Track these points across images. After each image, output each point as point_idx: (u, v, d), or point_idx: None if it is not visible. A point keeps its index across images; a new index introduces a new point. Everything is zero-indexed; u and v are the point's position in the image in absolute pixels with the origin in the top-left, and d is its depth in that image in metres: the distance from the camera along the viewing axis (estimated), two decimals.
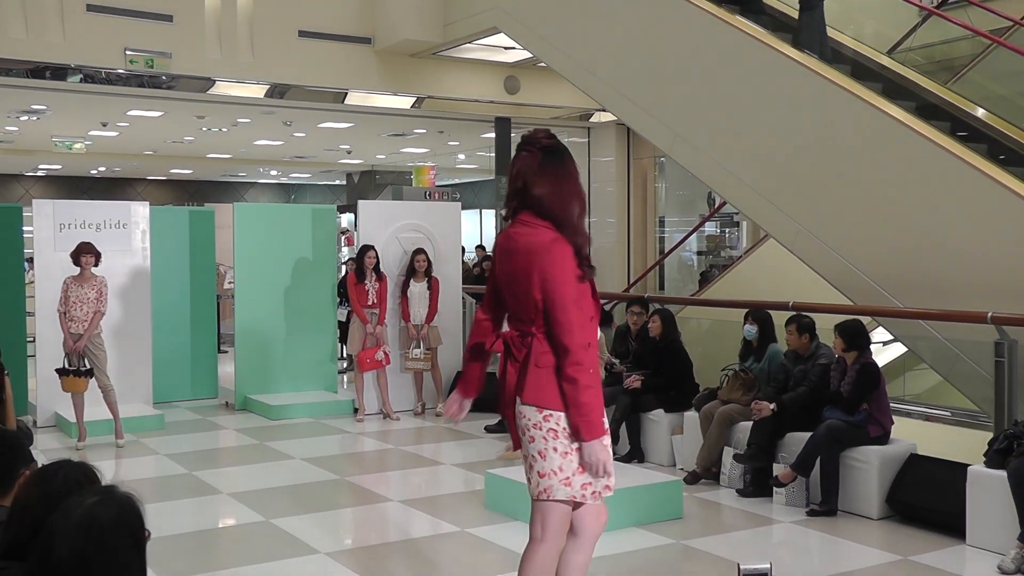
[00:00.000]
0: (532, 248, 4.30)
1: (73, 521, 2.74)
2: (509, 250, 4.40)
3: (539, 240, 4.31)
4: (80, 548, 2.71)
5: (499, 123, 18.01)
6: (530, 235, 4.33)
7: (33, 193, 30.74)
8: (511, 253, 4.38)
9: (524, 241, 4.33)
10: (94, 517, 2.75)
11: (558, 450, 4.31)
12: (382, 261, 12.03)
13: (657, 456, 9.62)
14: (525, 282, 4.29)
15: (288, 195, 36.68)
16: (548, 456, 4.30)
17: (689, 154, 10.44)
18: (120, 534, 2.77)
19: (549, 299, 4.25)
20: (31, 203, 11.93)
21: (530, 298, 4.29)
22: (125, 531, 2.79)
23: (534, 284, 4.26)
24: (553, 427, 4.30)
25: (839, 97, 8.78)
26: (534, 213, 4.35)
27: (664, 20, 10.62)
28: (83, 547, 2.71)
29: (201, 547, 7.31)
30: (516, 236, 4.37)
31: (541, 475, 4.31)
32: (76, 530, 2.73)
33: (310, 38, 14.91)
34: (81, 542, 2.72)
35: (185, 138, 23.37)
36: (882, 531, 7.45)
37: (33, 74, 13.44)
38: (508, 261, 4.40)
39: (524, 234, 4.35)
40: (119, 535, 2.77)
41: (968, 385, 9.08)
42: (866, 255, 8.87)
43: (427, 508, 8.16)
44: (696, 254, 19.89)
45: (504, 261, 4.43)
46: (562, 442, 4.30)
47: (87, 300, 10.23)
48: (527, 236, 4.33)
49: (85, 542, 2.72)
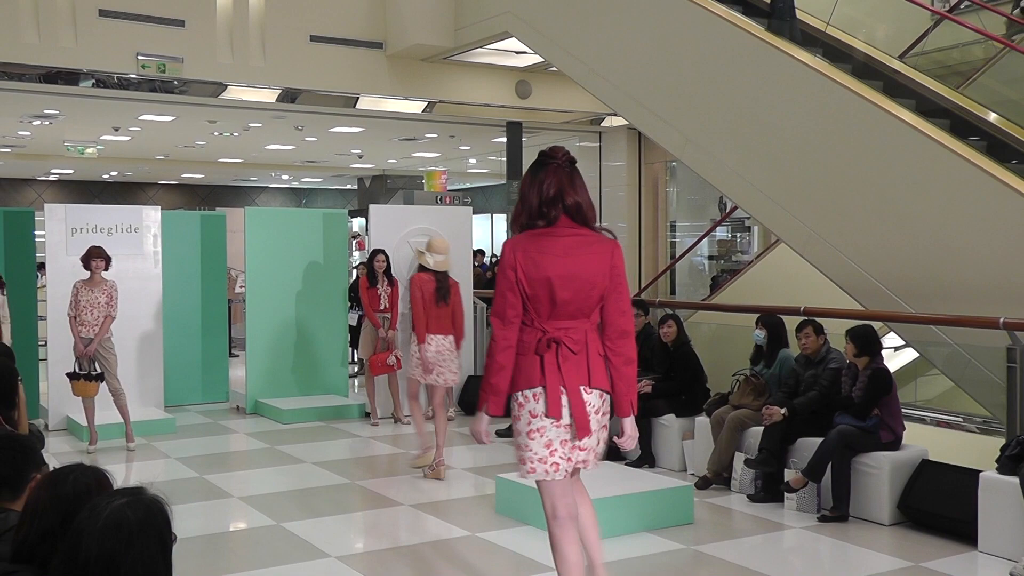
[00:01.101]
0: (602, 247, 4.75)
1: (101, 521, 2.75)
2: (570, 251, 4.66)
3: (602, 239, 4.79)
4: (108, 548, 2.71)
5: (511, 127, 18.01)
6: (587, 236, 4.74)
7: (45, 197, 30.79)
8: (573, 255, 4.66)
9: (584, 241, 4.71)
10: (123, 518, 2.76)
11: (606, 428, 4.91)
12: (393, 266, 12.03)
13: (668, 461, 9.61)
14: (596, 278, 4.67)
15: (299, 199, 36.70)
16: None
17: (700, 158, 10.43)
18: (148, 535, 2.78)
19: (619, 291, 4.76)
20: (43, 207, 11.96)
21: (596, 293, 4.68)
22: (153, 533, 2.80)
23: (603, 279, 4.70)
24: (607, 409, 4.84)
25: (850, 101, 8.77)
26: (571, 219, 4.71)
27: (675, 24, 10.62)
28: (111, 547, 2.72)
29: (212, 551, 7.31)
30: (572, 238, 4.70)
31: None
32: (104, 530, 2.73)
33: (322, 43, 14.92)
34: (110, 542, 2.72)
35: (197, 143, 23.39)
36: (893, 537, 7.43)
37: (46, 79, 13.47)
38: (571, 262, 4.65)
39: (581, 234, 4.73)
40: (147, 536, 2.77)
41: (980, 391, 9.05)
42: (877, 260, 8.85)
43: (437, 512, 8.16)
44: (707, 259, 19.86)
45: (561, 264, 4.65)
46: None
47: (97, 304, 10.26)
48: (586, 237, 4.74)
49: (114, 542, 2.72)
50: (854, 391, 7.96)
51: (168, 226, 12.64)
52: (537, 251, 4.66)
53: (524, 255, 4.67)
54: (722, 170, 10.19)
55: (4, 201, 30.45)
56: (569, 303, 4.65)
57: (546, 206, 4.70)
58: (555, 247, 4.66)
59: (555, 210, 4.70)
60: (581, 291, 4.64)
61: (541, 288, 4.64)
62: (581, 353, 4.66)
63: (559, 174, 4.73)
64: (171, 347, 12.73)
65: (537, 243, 4.68)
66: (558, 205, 4.70)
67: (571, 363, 4.65)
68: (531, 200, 4.75)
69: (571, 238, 4.69)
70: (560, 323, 4.67)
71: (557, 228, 4.70)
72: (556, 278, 4.62)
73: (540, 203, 4.71)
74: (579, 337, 4.67)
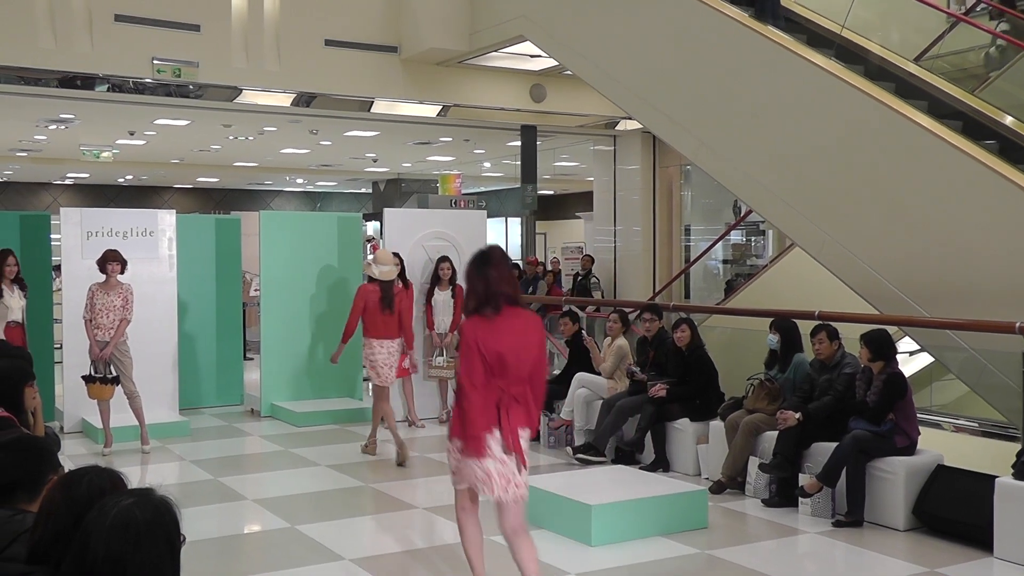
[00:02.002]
0: (537, 325, 5.94)
1: (109, 522, 2.75)
2: (521, 330, 5.74)
3: (535, 317, 6.08)
4: (116, 549, 2.71)
5: (525, 131, 18.01)
6: (524, 316, 5.90)
7: (61, 201, 30.89)
8: (523, 332, 5.75)
9: (528, 321, 5.87)
10: (130, 518, 2.76)
11: None
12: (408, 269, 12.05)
13: (682, 465, 9.59)
14: (535, 349, 5.77)
15: (314, 203, 36.77)
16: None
17: (715, 162, 10.42)
18: (156, 536, 2.78)
19: (543, 358, 5.91)
20: (59, 211, 12.00)
21: (534, 360, 5.74)
22: (161, 533, 2.80)
23: (539, 349, 5.79)
24: None
25: (866, 105, 8.74)
26: (510, 303, 5.74)
27: (689, 28, 10.61)
28: (119, 548, 2.71)
29: (226, 553, 7.33)
30: (517, 318, 5.77)
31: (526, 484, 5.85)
32: (112, 530, 2.73)
33: (336, 47, 14.94)
34: (117, 543, 2.72)
35: (212, 147, 23.47)
36: (908, 543, 7.41)
37: (62, 84, 13.51)
38: (522, 337, 5.72)
39: (521, 315, 5.85)
40: (154, 537, 2.77)
41: (995, 396, 9.01)
42: (892, 264, 8.82)
43: (451, 515, 8.14)
44: (722, 263, 19.83)
45: (512, 338, 5.67)
46: None
47: (113, 308, 10.37)
48: (524, 317, 5.89)
49: (121, 543, 2.72)
50: (868, 396, 7.93)
51: (183, 230, 12.67)
52: (498, 329, 5.67)
53: (498, 331, 5.67)
54: (736, 174, 10.18)
55: (20, 205, 30.59)
56: (516, 370, 5.68)
57: (495, 297, 5.70)
58: (512, 325, 5.73)
59: (501, 299, 5.71)
60: (526, 361, 5.72)
61: (503, 356, 5.66)
62: (531, 405, 5.79)
63: (500, 270, 5.77)
64: (186, 350, 12.78)
65: (501, 322, 5.70)
66: (500, 297, 5.71)
67: (521, 413, 5.74)
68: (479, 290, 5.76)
69: (521, 320, 5.83)
70: (503, 384, 5.67)
71: (503, 311, 5.71)
72: (506, 350, 5.64)
73: (488, 295, 5.70)
74: (525, 393, 5.76)
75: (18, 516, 3.38)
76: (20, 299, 10.67)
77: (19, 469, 3.62)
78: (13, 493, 3.57)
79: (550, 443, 10.78)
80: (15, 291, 10.63)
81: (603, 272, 19.51)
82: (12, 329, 10.44)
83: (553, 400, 10.94)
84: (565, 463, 9.98)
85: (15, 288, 10.65)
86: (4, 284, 10.53)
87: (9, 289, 10.55)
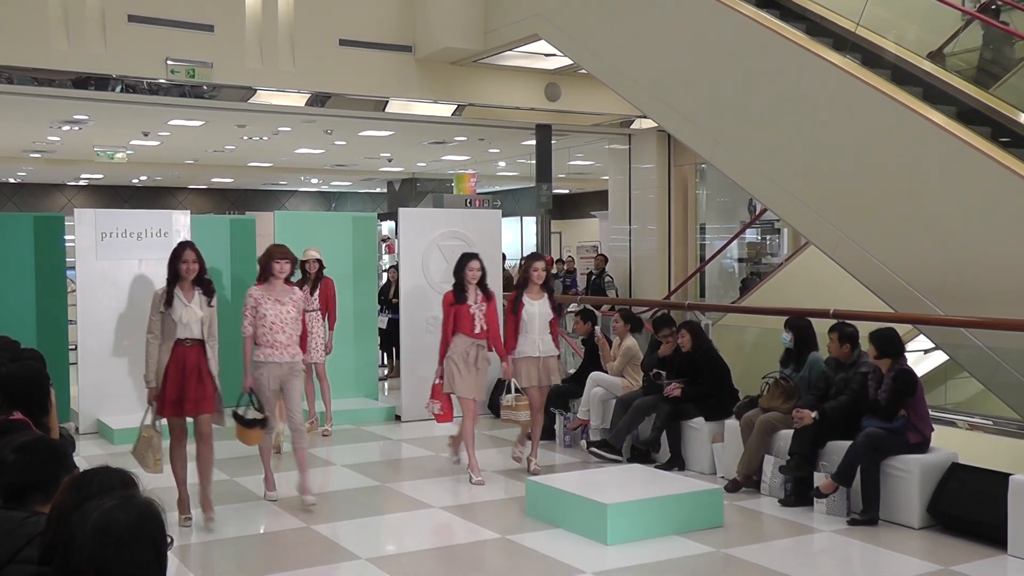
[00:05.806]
0: None
1: (90, 525, 2.72)
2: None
3: None
4: (98, 553, 2.68)
5: (540, 130, 18.02)
6: None
7: (75, 202, 30.96)
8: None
9: None
10: (112, 521, 2.72)
11: None
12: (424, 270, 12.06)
13: (698, 464, 9.58)
14: None
15: (329, 203, 36.80)
16: None
17: (730, 161, 10.41)
18: (139, 539, 2.74)
19: None
20: (73, 212, 12.03)
21: None
22: (145, 536, 2.76)
23: None
24: None
25: (881, 103, 8.73)
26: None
27: (705, 26, 10.60)
28: (101, 552, 2.68)
29: (243, 553, 7.35)
30: None
31: None
32: (93, 534, 2.71)
33: (351, 47, 14.96)
34: (99, 546, 2.69)
35: (226, 147, 23.50)
36: (923, 541, 7.40)
37: (75, 84, 13.55)
38: None
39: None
40: (138, 540, 2.74)
41: (1010, 394, 9.00)
42: (907, 263, 8.80)
43: (467, 515, 8.17)
44: (737, 261, 19.81)
45: None
46: None
47: (289, 319, 8.49)
48: None
49: (103, 546, 2.69)
50: (879, 393, 7.92)
51: (198, 230, 12.64)
52: None
53: None
54: (752, 173, 10.17)
55: (34, 206, 30.68)
56: None
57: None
58: None
59: None
60: None
61: None
62: None
63: None
64: None
65: None
66: None
67: None
68: None
69: None
70: None
71: None
72: None
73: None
74: None
75: (32, 518, 3.38)
76: (199, 308, 8.05)
77: (35, 471, 3.63)
78: (29, 495, 3.58)
79: (566, 442, 10.79)
80: (196, 296, 8.08)
81: (618, 271, 19.51)
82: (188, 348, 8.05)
83: (569, 399, 10.95)
84: (580, 462, 9.99)
85: (196, 292, 8.10)
86: (181, 289, 8.02)
87: (187, 296, 8.03)
